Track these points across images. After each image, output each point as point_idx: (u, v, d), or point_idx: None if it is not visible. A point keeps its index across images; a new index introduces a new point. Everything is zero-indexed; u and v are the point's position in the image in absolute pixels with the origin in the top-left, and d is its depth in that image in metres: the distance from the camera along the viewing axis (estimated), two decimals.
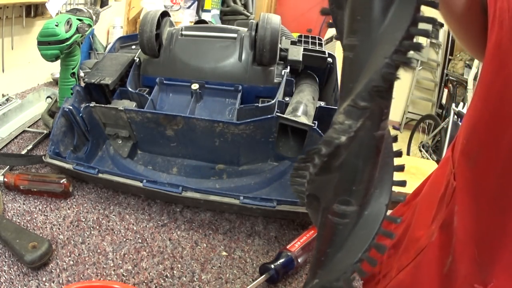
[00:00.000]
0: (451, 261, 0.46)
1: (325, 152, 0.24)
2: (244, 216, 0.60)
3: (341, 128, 0.23)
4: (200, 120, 0.57)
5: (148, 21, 0.65)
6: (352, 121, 0.23)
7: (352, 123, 0.23)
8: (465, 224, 0.45)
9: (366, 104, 0.22)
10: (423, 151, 3.11)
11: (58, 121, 0.61)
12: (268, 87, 0.66)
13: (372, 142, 0.25)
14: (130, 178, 0.56)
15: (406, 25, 0.21)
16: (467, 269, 0.44)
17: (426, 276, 0.50)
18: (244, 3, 2.20)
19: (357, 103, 0.22)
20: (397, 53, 0.21)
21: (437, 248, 0.50)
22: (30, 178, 0.57)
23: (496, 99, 0.40)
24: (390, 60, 0.21)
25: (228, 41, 0.67)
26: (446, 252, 0.47)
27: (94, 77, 0.66)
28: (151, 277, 0.48)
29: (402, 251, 0.59)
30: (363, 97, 0.22)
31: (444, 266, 0.48)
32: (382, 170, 0.27)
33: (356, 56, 0.24)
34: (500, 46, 0.39)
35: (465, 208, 0.45)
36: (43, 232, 0.52)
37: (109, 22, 1.47)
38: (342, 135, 0.23)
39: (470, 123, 0.47)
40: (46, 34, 0.60)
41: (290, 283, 0.49)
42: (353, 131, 0.23)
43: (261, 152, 0.64)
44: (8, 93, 0.88)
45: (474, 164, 0.45)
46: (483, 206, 0.43)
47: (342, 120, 0.23)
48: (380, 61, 0.22)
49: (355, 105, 0.23)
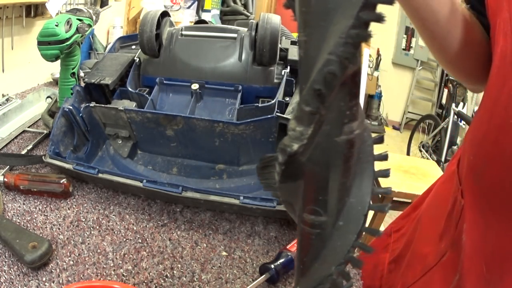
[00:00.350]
0: (458, 278, 0.46)
1: (281, 160, 0.22)
2: (244, 216, 0.60)
3: (293, 135, 0.21)
4: (200, 120, 0.57)
5: (148, 21, 0.65)
6: (303, 128, 0.20)
7: (304, 130, 0.20)
8: (474, 241, 0.44)
9: (311, 109, 0.20)
10: (423, 151, 3.11)
11: (58, 121, 0.61)
12: (268, 87, 0.66)
13: (336, 149, 0.22)
14: (130, 178, 0.56)
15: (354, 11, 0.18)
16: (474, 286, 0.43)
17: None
18: (244, 3, 2.20)
19: (302, 108, 0.20)
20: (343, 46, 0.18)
21: (446, 266, 0.49)
22: (30, 178, 0.57)
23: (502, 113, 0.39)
24: (335, 56, 0.18)
25: (228, 41, 0.67)
26: (454, 270, 0.47)
27: (94, 77, 0.66)
28: (151, 277, 0.48)
29: (406, 267, 0.58)
30: (307, 102, 0.20)
31: (450, 284, 0.47)
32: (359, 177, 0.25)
33: (305, 54, 0.21)
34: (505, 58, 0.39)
35: (473, 225, 0.44)
36: (43, 232, 0.52)
37: (109, 22, 1.47)
38: (294, 142, 0.21)
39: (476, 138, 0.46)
40: (46, 34, 0.60)
41: (290, 283, 0.49)
42: (306, 138, 0.20)
43: (261, 152, 0.64)
44: (8, 93, 0.88)
45: (481, 179, 0.44)
46: (491, 222, 0.42)
47: (294, 127, 0.21)
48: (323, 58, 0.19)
49: (301, 109, 0.20)
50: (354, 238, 0.24)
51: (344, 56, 0.18)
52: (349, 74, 0.20)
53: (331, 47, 0.18)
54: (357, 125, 0.22)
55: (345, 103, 0.21)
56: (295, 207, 0.26)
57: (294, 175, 0.23)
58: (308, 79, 0.20)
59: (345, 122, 0.22)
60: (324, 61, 0.18)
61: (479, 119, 0.46)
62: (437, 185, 0.62)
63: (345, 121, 0.22)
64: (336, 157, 0.23)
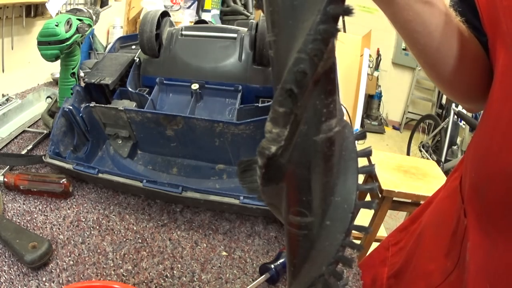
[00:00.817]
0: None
1: (260, 163, 0.21)
2: (244, 216, 0.60)
3: (270, 138, 0.20)
4: (200, 120, 0.57)
5: (148, 21, 0.65)
6: (279, 129, 0.20)
7: (280, 131, 0.20)
8: (477, 260, 0.43)
9: (285, 110, 0.19)
10: (423, 151, 3.11)
11: (58, 121, 0.61)
12: (268, 87, 0.66)
13: (316, 148, 0.22)
14: (130, 178, 0.56)
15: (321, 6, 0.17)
16: None
17: None
18: (244, 3, 2.20)
19: (276, 109, 0.19)
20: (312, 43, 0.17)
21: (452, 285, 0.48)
22: (30, 178, 0.57)
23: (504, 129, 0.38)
24: (304, 54, 0.17)
25: (228, 41, 0.67)
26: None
27: (94, 77, 0.66)
28: (151, 277, 0.48)
29: (407, 283, 0.56)
30: (280, 103, 0.19)
31: None
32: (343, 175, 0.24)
33: (276, 54, 0.21)
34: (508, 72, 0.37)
35: (477, 244, 0.43)
36: (43, 232, 0.52)
37: (109, 22, 1.47)
38: (272, 145, 0.20)
39: (477, 154, 0.44)
40: (46, 34, 0.60)
41: None
42: (283, 140, 0.20)
43: None
44: (8, 93, 0.88)
45: (484, 198, 0.42)
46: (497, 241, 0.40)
47: (270, 129, 0.20)
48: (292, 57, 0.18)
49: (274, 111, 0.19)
50: (343, 237, 0.24)
51: (314, 53, 0.17)
52: (321, 71, 0.19)
53: (300, 45, 0.18)
54: (336, 122, 0.22)
55: (320, 101, 0.21)
56: (281, 209, 0.26)
57: (276, 177, 0.23)
58: (280, 79, 0.19)
59: (323, 120, 0.21)
60: (294, 60, 0.18)
61: (481, 135, 0.44)
62: (438, 199, 0.59)
63: (322, 119, 0.21)
64: (316, 156, 0.22)
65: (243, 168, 0.25)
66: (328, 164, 0.23)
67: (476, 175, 0.44)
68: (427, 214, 0.60)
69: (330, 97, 0.21)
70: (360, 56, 2.11)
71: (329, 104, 0.21)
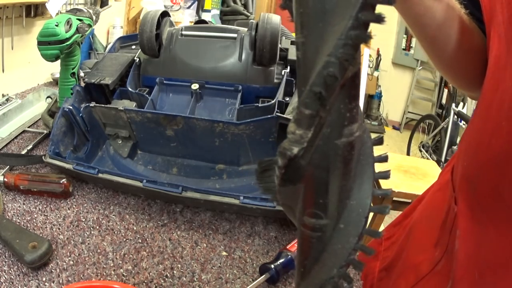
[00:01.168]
0: (450, 285, 0.45)
1: (280, 164, 0.21)
2: (244, 216, 0.60)
3: (293, 139, 0.20)
4: (200, 120, 0.57)
5: (148, 21, 0.65)
6: (303, 131, 0.20)
7: (303, 133, 0.20)
8: (467, 248, 0.44)
9: (311, 112, 0.19)
10: (423, 151, 3.11)
11: (58, 121, 0.61)
12: (268, 87, 0.66)
13: (336, 151, 0.22)
14: (130, 178, 0.56)
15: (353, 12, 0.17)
16: None
17: None
18: (244, 3, 2.20)
19: (301, 111, 0.19)
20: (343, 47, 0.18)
21: (440, 274, 0.48)
22: (30, 178, 0.57)
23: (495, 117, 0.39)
24: (334, 58, 0.18)
25: (228, 41, 0.67)
26: (446, 277, 0.46)
27: (94, 77, 0.66)
28: (151, 277, 0.48)
29: (397, 275, 0.57)
30: (307, 104, 0.19)
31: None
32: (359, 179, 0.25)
33: (304, 55, 0.21)
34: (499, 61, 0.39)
35: (467, 233, 0.44)
36: (43, 232, 0.52)
37: (109, 22, 1.47)
38: (294, 146, 0.20)
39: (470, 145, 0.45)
40: (46, 34, 0.60)
41: (290, 283, 0.49)
42: (306, 141, 0.20)
43: (261, 152, 0.64)
44: (8, 93, 0.88)
45: (476, 187, 0.43)
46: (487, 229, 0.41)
47: (293, 130, 0.20)
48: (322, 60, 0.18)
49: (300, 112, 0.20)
50: (355, 240, 0.24)
51: (344, 58, 0.18)
52: (348, 76, 0.20)
53: (330, 48, 0.18)
54: (357, 127, 0.22)
55: (345, 105, 0.21)
56: (295, 210, 0.26)
57: (294, 178, 0.23)
58: (307, 81, 0.19)
59: (345, 124, 0.21)
60: (324, 63, 0.18)
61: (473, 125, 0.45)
62: (429, 194, 0.60)
63: (345, 123, 0.21)
64: (336, 159, 0.22)
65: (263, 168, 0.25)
66: (347, 167, 0.23)
67: (468, 164, 0.45)
68: (419, 208, 0.61)
69: (353, 101, 0.21)
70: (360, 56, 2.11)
71: (352, 109, 0.21)
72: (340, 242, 0.24)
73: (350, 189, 0.24)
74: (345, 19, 0.18)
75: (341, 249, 0.24)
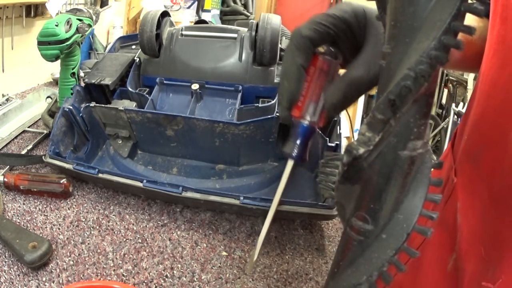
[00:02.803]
0: (455, 258, 0.45)
1: (345, 161, 0.23)
2: (244, 216, 0.60)
3: (362, 140, 0.22)
4: (200, 120, 0.57)
5: (148, 21, 0.65)
6: (372, 134, 0.22)
7: (372, 136, 0.22)
8: (469, 223, 0.44)
9: (382, 118, 0.21)
10: None
11: (58, 121, 0.61)
12: (268, 87, 0.66)
13: (398, 162, 0.23)
14: (130, 178, 0.56)
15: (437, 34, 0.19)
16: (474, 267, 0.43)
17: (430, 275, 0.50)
18: (244, 3, 2.20)
19: (375, 114, 0.21)
20: (422, 64, 0.19)
21: (437, 246, 0.49)
22: (30, 178, 0.57)
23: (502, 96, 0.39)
24: (413, 72, 0.19)
25: (228, 41, 0.67)
26: (448, 249, 0.47)
27: (94, 77, 0.66)
28: (151, 277, 0.48)
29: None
30: (380, 110, 0.21)
31: (447, 263, 0.47)
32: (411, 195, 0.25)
33: (387, 65, 0.22)
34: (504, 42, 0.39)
35: (468, 207, 0.44)
36: (43, 232, 0.52)
37: (109, 22, 1.47)
38: (361, 146, 0.22)
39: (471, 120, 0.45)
40: (46, 34, 0.60)
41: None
42: (372, 145, 0.22)
43: (261, 152, 0.64)
44: (8, 93, 0.88)
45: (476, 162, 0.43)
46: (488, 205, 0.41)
47: (364, 132, 0.22)
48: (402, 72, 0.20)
49: (373, 116, 0.22)
50: (392, 253, 0.25)
51: (421, 74, 0.19)
52: (422, 93, 0.21)
53: (411, 63, 0.20)
54: (421, 144, 0.23)
55: (414, 120, 0.22)
56: (346, 210, 0.27)
57: (354, 178, 0.24)
58: (386, 89, 0.21)
59: (411, 138, 0.23)
60: (403, 75, 0.20)
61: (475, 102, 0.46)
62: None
63: (411, 137, 0.23)
64: (396, 170, 0.24)
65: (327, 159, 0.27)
66: (404, 181, 0.24)
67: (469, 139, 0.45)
68: None
69: (423, 119, 0.23)
70: None
71: (420, 125, 0.23)
72: (377, 251, 0.25)
73: (401, 202, 0.25)
74: (429, 39, 0.19)
75: (376, 258, 0.25)
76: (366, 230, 0.25)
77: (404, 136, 0.23)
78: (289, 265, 0.52)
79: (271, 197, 0.55)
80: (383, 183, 0.24)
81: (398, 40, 0.21)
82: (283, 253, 0.54)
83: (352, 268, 0.26)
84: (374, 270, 0.25)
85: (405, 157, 0.23)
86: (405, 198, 0.25)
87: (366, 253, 0.25)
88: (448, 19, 0.19)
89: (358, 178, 0.24)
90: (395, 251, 0.25)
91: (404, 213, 0.25)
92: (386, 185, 0.24)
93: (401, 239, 0.25)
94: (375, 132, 0.22)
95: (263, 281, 0.49)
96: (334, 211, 0.51)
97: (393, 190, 0.24)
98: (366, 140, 0.22)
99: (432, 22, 0.20)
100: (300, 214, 0.54)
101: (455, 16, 0.19)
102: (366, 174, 0.24)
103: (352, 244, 0.26)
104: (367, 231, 0.25)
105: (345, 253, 0.27)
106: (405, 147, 0.23)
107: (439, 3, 0.20)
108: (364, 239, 0.25)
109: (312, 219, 0.60)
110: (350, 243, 0.26)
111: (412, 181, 0.25)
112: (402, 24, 0.21)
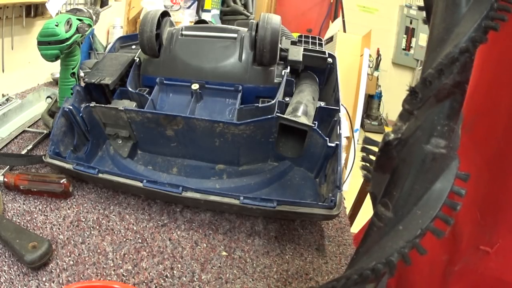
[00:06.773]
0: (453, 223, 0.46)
1: (380, 146, 0.26)
2: (244, 216, 0.60)
3: (393, 128, 0.25)
4: (200, 120, 0.57)
5: (148, 21, 0.65)
6: (401, 123, 0.25)
7: (400, 125, 0.25)
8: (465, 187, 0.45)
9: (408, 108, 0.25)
10: None
11: (58, 121, 0.61)
12: (268, 87, 0.66)
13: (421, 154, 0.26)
14: (130, 178, 0.56)
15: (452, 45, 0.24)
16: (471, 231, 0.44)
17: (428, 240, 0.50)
18: (244, 3, 2.20)
19: (403, 105, 0.25)
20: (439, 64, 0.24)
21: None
22: (30, 178, 0.57)
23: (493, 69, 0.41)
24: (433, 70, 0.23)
25: (228, 41, 0.67)
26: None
27: (94, 77, 0.66)
28: (151, 277, 0.48)
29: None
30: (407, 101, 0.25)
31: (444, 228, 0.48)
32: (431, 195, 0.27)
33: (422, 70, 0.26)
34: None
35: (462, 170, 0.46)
36: (43, 232, 0.52)
37: (109, 22, 1.47)
38: (392, 133, 0.25)
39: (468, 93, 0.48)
40: (46, 34, 0.60)
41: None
42: (400, 133, 0.25)
43: (261, 152, 0.64)
44: (8, 93, 0.88)
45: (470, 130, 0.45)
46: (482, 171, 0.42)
47: (396, 121, 0.26)
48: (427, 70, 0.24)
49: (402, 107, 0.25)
50: (404, 245, 0.26)
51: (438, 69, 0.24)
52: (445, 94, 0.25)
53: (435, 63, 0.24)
54: (445, 144, 0.26)
55: (438, 118, 0.25)
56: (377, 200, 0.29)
57: (385, 165, 0.27)
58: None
59: (434, 135, 0.25)
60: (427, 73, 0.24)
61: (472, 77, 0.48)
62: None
63: (434, 133, 0.25)
64: (418, 161, 0.26)
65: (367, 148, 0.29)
66: (425, 175, 0.26)
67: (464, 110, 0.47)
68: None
69: (447, 120, 0.26)
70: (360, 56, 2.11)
71: (444, 125, 0.25)
72: (391, 241, 0.26)
73: (420, 198, 0.27)
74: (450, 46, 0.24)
75: (389, 247, 0.26)
76: (386, 217, 0.27)
77: (428, 131, 0.25)
78: (289, 265, 0.52)
79: (271, 197, 0.55)
80: (406, 172, 0.26)
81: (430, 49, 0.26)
82: (283, 253, 0.54)
83: (367, 255, 0.27)
84: (383, 258, 0.26)
85: (428, 151, 0.25)
86: (425, 195, 0.27)
87: (382, 241, 0.27)
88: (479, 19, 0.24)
89: (388, 167, 0.27)
90: (407, 244, 0.26)
91: (422, 210, 0.26)
92: (408, 174, 0.26)
93: (415, 233, 0.26)
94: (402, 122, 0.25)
95: (263, 281, 0.49)
96: (334, 211, 0.51)
97: (414, 180, 0.26)
98: (396, 128, 0.25)
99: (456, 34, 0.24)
100: (300, 214, 0.54)
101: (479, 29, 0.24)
102: (394, 162, 0.26)
103: (372, 230, 0.28)
104: (387, 218, 0.27)
105: (366, 239, 0.28)
106: (428, 142, 0.25)
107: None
108: (383, 226, 0.27)
109: (312, 219, 0.60)
110: (371, 228, 0.28)
111: (434, 181, 0.26)
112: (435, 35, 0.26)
